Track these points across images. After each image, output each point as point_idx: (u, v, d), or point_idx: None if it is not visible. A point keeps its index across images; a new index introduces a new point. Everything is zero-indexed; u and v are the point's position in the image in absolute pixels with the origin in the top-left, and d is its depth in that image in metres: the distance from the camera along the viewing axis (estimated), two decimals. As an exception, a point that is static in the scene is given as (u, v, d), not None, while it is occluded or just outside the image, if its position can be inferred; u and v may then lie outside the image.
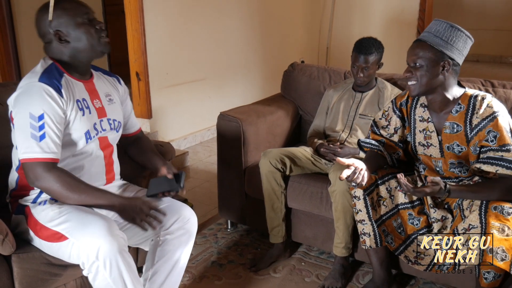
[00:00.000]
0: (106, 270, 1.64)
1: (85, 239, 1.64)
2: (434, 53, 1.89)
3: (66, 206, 1.76)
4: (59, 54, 1.83)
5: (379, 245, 2.16)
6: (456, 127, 1.98)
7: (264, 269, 2.53)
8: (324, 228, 2.51)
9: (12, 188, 1.91)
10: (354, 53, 2.59)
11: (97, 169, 1.92)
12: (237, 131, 2.66)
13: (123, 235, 1.70)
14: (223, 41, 4.65)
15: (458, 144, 1.98)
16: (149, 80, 3.91)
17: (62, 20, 1.79)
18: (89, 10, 1.84)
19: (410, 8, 5.49)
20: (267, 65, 5.24)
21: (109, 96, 1.98)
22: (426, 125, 2.07)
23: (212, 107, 4.33)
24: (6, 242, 1.71)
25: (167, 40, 4.03)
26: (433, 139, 2.05)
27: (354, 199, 2.14)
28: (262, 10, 5.05)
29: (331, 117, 2.76)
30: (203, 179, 3.75)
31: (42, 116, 1.69)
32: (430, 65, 1.90)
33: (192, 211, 1.98)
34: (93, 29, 1.81)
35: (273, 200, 2.51)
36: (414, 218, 2.10)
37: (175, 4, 4.03)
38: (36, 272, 1.80)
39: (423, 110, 2.09)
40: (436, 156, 2.07)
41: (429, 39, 1.91)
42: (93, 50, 1.83)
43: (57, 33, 1.80)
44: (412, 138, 2.14)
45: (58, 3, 1.78)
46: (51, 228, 1.74)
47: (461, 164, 2.01)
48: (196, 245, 2.74)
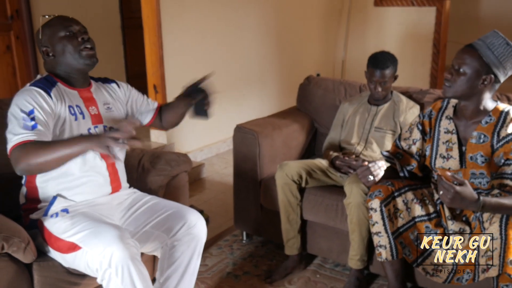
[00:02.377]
0: (118, 277, 1.66)
1: (98, 248, 1.67)
2: (481, 65, 1.89)
3: (78, 217, 1.80)
4: (53, 68, 1.93)
5: (395, 257, 2.16)
6: (483, 137, 1.98)
7: (279, 280, 2.54)
8: (339, 240, 2.52)
9: (22, 202, 1.96)
10: (370, 68, 2.61)
11: (101, 179, 1.96)
12: (253, 143, 2.69)
13: (135, 243, 1.73)
14: (239, 55, 4.70)
15: (482, 155, 1.98)
16: (166, 92, 3.97)
17: (47, 36, 1.90)
18: (72, 23, 1.91)
19: (426, 21, 5.49)
20: (282, 79, 5.28)
21: (107, 105, 2.03)
22: (450, 136, 2.08)
23: (228, 120, 4.36)
24: (28, 250, 1.74)
25: (184, 54, 4.09)
26: (454, 151, 2.06)
27: (370, 211, 2.15)
28: (279, 24, 5.10)
29: (347, 130, 2.78)
30: (218, 190, 3.78)
31: (32, 110, 1.76)
32: (473, 75, 1.90)
33: (200, 216, 2.00)
34: (74, 42, 1.88)
35: (288, 212, 2.53)
36: (431, 231, 2.10)
37: (192, 18, 4.10)
38: (56, 281, 1.84)
39: (448, 122, 2.10)
40: (455, 169, 2.07)
41: (481, 49, 1.89)
42: (76, 62, 1.90)
43: (46, 49, 1.90)
44: (433, 150, 2.14)
45: (48, 22, 1.91)
46: (65, 240, 1.77)
47: (482, 175, 2.00)
48: (212, 256, 2.76)
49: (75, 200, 1.90)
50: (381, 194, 2.10)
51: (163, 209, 1.99)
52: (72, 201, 1.89)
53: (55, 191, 1.88)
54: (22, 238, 1.73)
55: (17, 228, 1.74)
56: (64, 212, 1.84)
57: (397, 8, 5.72)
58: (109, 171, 1.98)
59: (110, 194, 2.00)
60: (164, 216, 1.96)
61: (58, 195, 1.87)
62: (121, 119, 2.06)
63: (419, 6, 5.52)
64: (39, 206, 1.89)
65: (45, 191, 1.90)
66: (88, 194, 1.93)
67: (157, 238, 1.94)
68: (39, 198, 1.91)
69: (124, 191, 2.08)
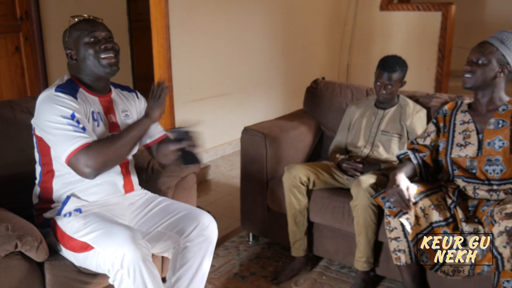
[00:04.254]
0: (130, 278, 1.67)
1: (110, 248, 1.68)
2: (497, 56, 2.09)
3: (90, 217, 1.82)
4: (76, 71, 1.93)
5: (414, 260, 2.18)
6: (501, 122, 2.13)
7: (286, 282, 2.56)
8: (346, 242, 2.54)
9: (35, 202, 1.98)
10: (378, 69, 2.64)
11: (115, 180, 1.99)
12: (261, 145, 2.72)
13: (146, 245, 1.74)
14: (246, 58, 4.73)
15: (501, 139, 2.12)
16: (173, 94, 4.00)
17: (71, 40, 1.90)
18: (97, 29, 1.89)
19: (432, 26, 5.51)
20: (288, 82, 5.31)
21: (125, 112, 2.04)
22: (467, 126, 2.22)
23: (233, 122, 4.40)
24: (40, 249, 1.77)
25: (191, 56, 4.12)
26: (472, 138, 2.19)
27: (388, 217, 2.16)
28: (285, 27, 5.13)
29: (353, 133, 2.80)
30: (224, 192, 3.81)
31: (73, 114, 1.76)
32: (491, 66, 2.10)
33: (212, 218, 2.02)
34: (96, 49, 1.87)
35: (295, 214, 2.55)
36: (449, 236, 2.12)
37: (200, 21, 4.13)
38: (67, 280, 1.86)
39: (463, 114, 2.25)
40: (472, 156, 2.16)
41: (495, 43, 2.11)
42: (97, 69, 1.89)
43: (70, 52, 1.91)
44: (449, 141, 2.24)
45: (73, 24, 1.90)
46: (78, 239, 1.79)
47: (497, 161, 2.11)
48: (218, 257, 2.78)
49: (88, 200, 1.92)
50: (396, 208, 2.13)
51: (176, 210, 2.02)
52: (85, 201, 1.92)
53: (70, 192, 1.91)
54: (35, 237, 1.75)
55: (30, 227, 1.77)
56: (77, 212, 1.86)
57: (403, 12, 5.74)
58: (123, 173, 2.00)
59: (123, 195, 2.02)
60: (177, 217, 1.99)
61: (72, 195, 1.90)
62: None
63: (424, 10, 5.54)
64: (53, 206, 1.92)
65: (60, 192, 1.92)
66: (102, 194, 1.95)
67: (169, 239, 1.97)
68: (52, 198, 1.93)
69: (136, 192, 2.10)
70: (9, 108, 2.18)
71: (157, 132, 2.20)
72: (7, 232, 1.68)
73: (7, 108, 2.18)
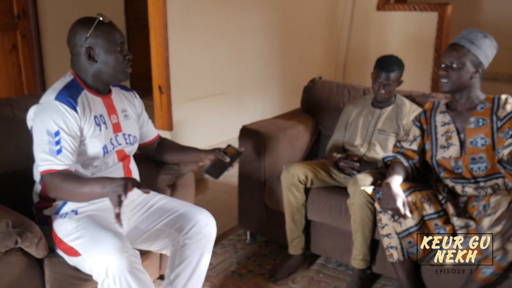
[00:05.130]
0: (116, 286, 1.68)
1: (96, 257, 1.69)
2: (470, 57, 2.11)
3: (82, 221, 1.83)
4: (84, 69, 1.91)
5: (407, 257, 2.20)
6: (481, 121, 2.15)
7: (283, 279, 2.59)
8: (343, 240, 2.56)
9: (36, 201, 1.98)
10: (376, 69, 2.66)
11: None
12: (259, 144, 2.73)
13: (134, 253, 1.74)
14: (244, 57, 4.74)
15: (483, 137, 2.13)
16: (171, 93, 4.00)
17: (98, 40, 1.86)
18: (124, 40, 1.93)
19: (428, 26, 5.53)
20: (286, 81, 5.32)
21: (125, 112, 2.05)
22: (447, 127, 2.23)
23: (231, 121, 4.41)
24: (40, 246, 1.78)
25: (189, 55, 4.13)
26: (454, 139, 2.20)
27: (379, 214, 2.19)
28: (282, 27, 5.15)
29: (350, 132, 2.82)
30: (222, 191, 3.82)
31: (58, 132, 1.78)
32: (465, 68, 2.11)
33: (210, 216, 2.04)
34: (122, 59, 1.90)
35: (293, 212, 2.57)
36: (440, 228, 2.14)
37: (198, 20, 4.14)
38: (66, 276, 1.87)
39: (443, 115, 2.26)
40: (456, 156, 2.18)
41: (466, 45, 2.11)
42: (115, 77, 1.92)
43: (89, 50, 1.87)
44: (433, 144, 2.25)
45: (100, 24, 1.87)
46: (67, 243, 1.81)
47: (481, 159, 2.13)
48: (216, 255, 2.80)
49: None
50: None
51: (175, 208, 2.03)
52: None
53: None
54: (35, 234, 1.76)
55: (30, 224, 1.77)
56: (73, 213, 1.88)
57: (399, 12, 5.76)
58: (124, 171, 2.01)
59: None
60: (176, 215, 2.00)
61: None
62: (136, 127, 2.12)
63: (421, 11, 5.57)
64: (54, 204, 1.92)
65: None
66: None
67: (168, 236, 1.98)
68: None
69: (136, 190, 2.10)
70: (8, 106, 2.18)
71: (150, 133, 2.24)
72: (7, 228, 1.69)
73: (6, 106, 2.18)
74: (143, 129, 2.20)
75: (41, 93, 1.96)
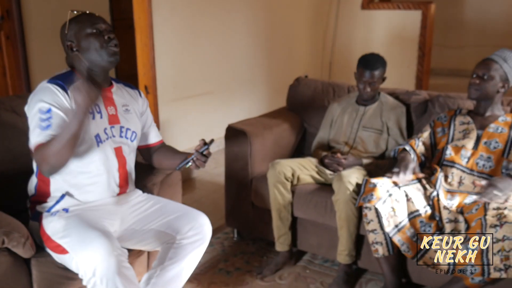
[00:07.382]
0: (103, 285, 1.68)
1: (83, 256, 1.69)
2: (501, 73, 2.32)
3: (72, 219, 1.83)
4: (76, 63, 1.94)
5: (391, 252, 2.24)
6: (501, 128, 2.34)
7: (270, 276, 2.61)
8: (329, 236, 2.59)
9: (31, 194, 1.98)
10: (360, 69, 2.69)
11: (111, 179, 1.98)
12: (245, 143, 2.75)
13: (122, 251, 1.74)
14: (230, 56, 4.76)
15: (497, 141, 2.31)
16: (157, 93, 4.01)
17: (73, 31, 1.91)
18: (99, 22, 1.93)
19: (412, 25, 5.60)
20: (272, 80, 5.35)
21: (126, 107, 2.05)
22: (467, 126, 2.42)
23: (218, 120, 4.42)
24: (27, 246, 1.79)
25: (175, 55, 4.14)
26: (472, 133, 2.38)
27: (365, 210, 2.23)
28: (268, 26, 5.17)
29: (335, 129, 2.85)
30: (209, 190, 3.83)
31: (50, 109, 1.79)
32: (495, 81, 2.32)
33: (206, 218, 2.06)
34: (101, 39, 1.89)
35: (280, 209, 2.59)
36: (425, 225, 2.19)
37: (184, 19, 4.15)
38: (54, 276, 1.88)
39: (463, 117, 2.46)
40: (468, 147, 2.33)
41: (499, 61, 2.33)
42: (101, 59, 1.90)
43: (70, 44, 1.92)
44: (449, 137, 2.44)
45: (75, 17, 1.92)
46: (55, 241, 1.81)
47: (489, 159, 2.30)
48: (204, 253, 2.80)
49: (81, 200, 1.92)
50: (373, 198, 2.19)
51: (172, 210, 2.05)
52: (77, 200, 1.92)
53: (66, 187, 1.91)
54: (22, 234, 1.77)
55: (17, 224, 1.78)
56: (64, 212, 1.88)
57: (384, 11, 5.82)
58: (119, 172, 2.00)
59: (117, 195, 2.02)
60: (174, 217, 2.01)
61: (66, 193, 1.90)
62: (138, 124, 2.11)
63: (405, 9, 5.63)
64: (48, 200, 1.92)
65: (57, 186, 1.91)
66: (96, 194, 1.95)
67: (164, 237, 1.99)
68: (49, 192, 1.92)
69: (131, 192, 2.11)
70: (-6, 106, 2.18)
71: (152, 136, 2.23)
72: (-7, 228, 1.69)
73: (-8, 106, 2.18)
74: (146, 129, 2.19)
75: (26, 93, 1.96)
